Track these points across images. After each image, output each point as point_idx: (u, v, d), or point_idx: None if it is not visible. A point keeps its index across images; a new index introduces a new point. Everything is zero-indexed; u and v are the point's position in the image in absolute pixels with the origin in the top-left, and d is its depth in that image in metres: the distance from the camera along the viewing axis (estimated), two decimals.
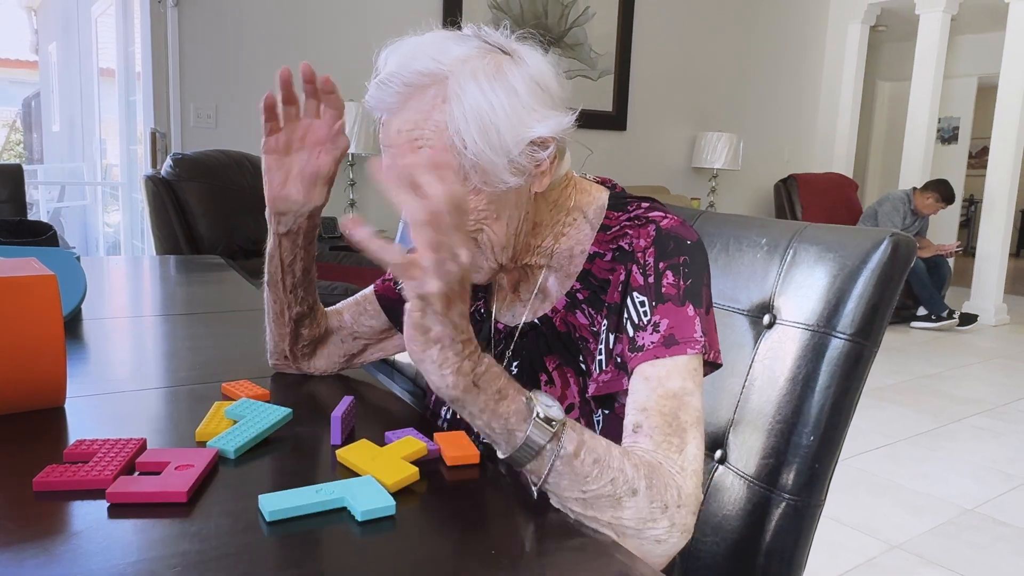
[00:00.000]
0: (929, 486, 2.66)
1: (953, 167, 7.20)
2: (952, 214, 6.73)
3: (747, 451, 0.95)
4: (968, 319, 5.29)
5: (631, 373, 0.75)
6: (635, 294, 0.77)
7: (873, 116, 7.79)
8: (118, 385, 0.98)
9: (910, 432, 3.20)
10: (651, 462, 0.67)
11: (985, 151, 5.86)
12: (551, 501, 0.65)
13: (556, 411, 0.64)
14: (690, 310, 0.75)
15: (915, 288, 5.23)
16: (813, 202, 5.69)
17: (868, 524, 2.35)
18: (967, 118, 7.36)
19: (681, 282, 0.76)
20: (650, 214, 0.81)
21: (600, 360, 0.80)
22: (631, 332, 0.76)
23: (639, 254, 0.79)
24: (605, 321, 0.80)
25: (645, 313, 0.76)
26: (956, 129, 7.42)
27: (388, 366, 1.83)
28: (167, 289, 1.80)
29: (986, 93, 6.93)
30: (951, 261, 5.65)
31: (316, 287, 0.95)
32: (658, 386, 0.72)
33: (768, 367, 0.95)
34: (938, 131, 7.22)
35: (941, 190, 5.26)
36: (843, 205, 5.86)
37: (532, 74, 0.75)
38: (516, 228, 0.79)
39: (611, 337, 0.79)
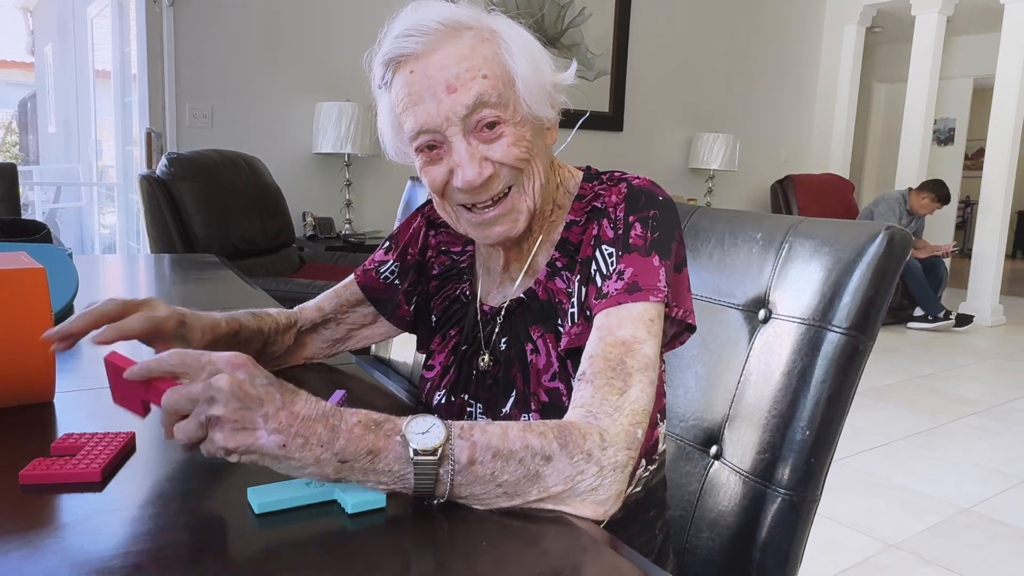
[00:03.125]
0: (926, 485, 2.65)
1: (949, 168, 7.21)
2: (948, 215, 6.75)
3: (742, 446, 0.95)
4: (964, 320, 5.30)
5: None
6: (604, 246, 0.79)
7: (869, 117, 7.80)
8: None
9: (907, 432, 3.20)
10: (559, 423, 0.65)
11: (981, 152, 5.88)
12: (476, 508, 0.62)
13: (434, 433, 0.60)
14: (655, 260, 0.76)
15: (912, 289, 5.23)
16: (810, 203, 5.70)
17: (865, 523, 2.35)
18: (963, 119, 7.37)
19: (649, 234, 0.78)
20: (623, 175, 0.84)
21: (572, 313, 0.81)
22: (599, 282, 0.78)
23: (610, 209, 0.81)
24: (578, 276, 0.81)
25: (612, 263, 0.77)
26: (952, 130, 7.44)
27: (383, 364, 1.83)
28: (162, 287, 1.79)
29: (982, 94, 6.94)
30: (947, 262, 5.66)
31: (258, 334, 0.93)
32: (607, 335, 0.73)
33: (763, 362, 0.95)
34: (934, 132, 7.23)
35: (937, 190, 5.27)
36: (840, 206, 5.87)
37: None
38: (544, 175, 0.82)
39: (582, 289, 0.80)
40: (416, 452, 0.59)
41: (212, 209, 3.02)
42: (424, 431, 0.60)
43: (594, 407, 0.68)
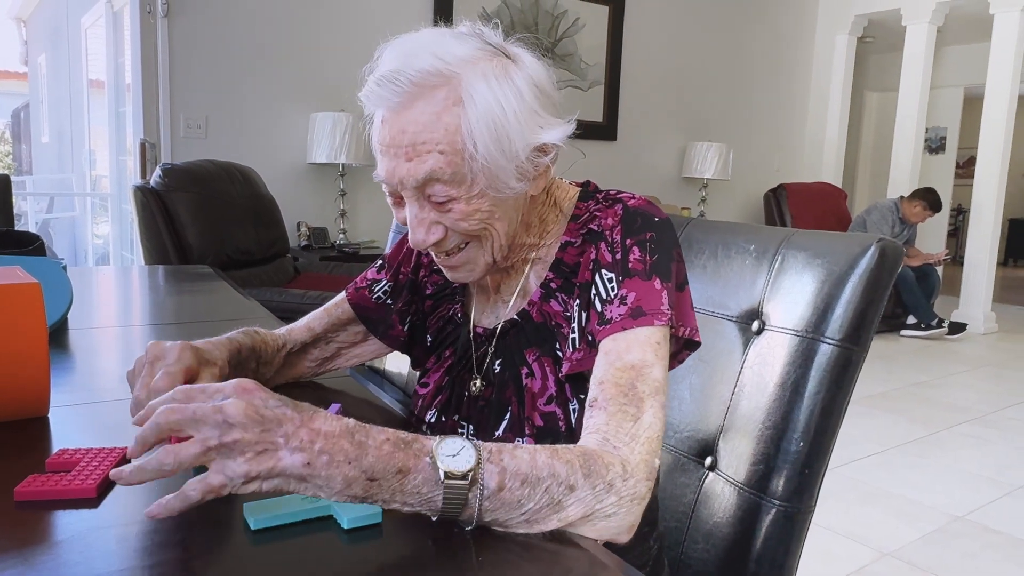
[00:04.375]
0: (920, 494, 2.66)
1: (941, 176, 7.25)
2: (940, 223, 6.78)
3: (737, 458, 0.95)
4: (957, 327, 5.32)
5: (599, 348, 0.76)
6: (603, 271, 0.79)
7: (861, 126, 7.84)
8: (104, 394, 0.97)
9: (901, 440, 3.21)
10: (584, 450, 0.65)
11: (972, 161, 5.92)
12: (495, 529, 0.61)
13: (465, 456, 0.59)
14: (657, 283, 0.76)
15: (904, 297, 5.26)
16: (803, 211, 5.72)
17: (859, 532, 2.35)
18: (954, 128, 7.42)
19: (648, 257, 0.78)
20: (618, 195, 0.83)
21: (573, 339, 0.80)
22: (599, 307, 0.77)
23: (607, 232, 0.80)
24: (577, 301, 0.81)
25: (613, 288, 0.77)
26: (943, 139, 7.48)
27: (378, 375, 1.83)
28: (156, 299, 1.79)
29: (972, 103, 6.99)
30: (940, 270, 5.68)
31: (251, 354, 0.90)
32: (616, 359, 0.72)
33: (757, 373, 0.95)
34: (925, 141, 7.28)
35: (928, 198, 5.30)
36: (832, 214, 5.89)
37: (534, 79, 0.76)
38: (515, 228, 0.81)
39: (583, 315, 0.80)
40: (446, 475, 0.58)
41: (206, 220, 3.02)
42: (454, 453, 0.59)
43: (610, 434, 0.68)
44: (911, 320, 5.35)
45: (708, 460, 0.99)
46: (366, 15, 4.03)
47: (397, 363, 1.77)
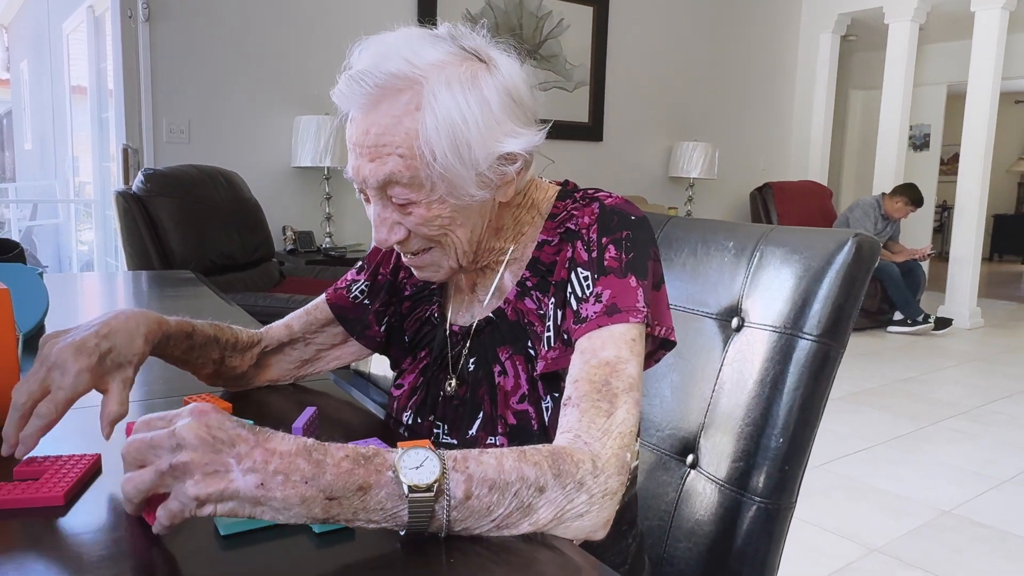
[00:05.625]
0: (907, 489, 2.67)
1: (925, 173, 7.30)
2: (925, 220, 6.83)
3: (718, 455, 0.95)
4: (943, 323, 5.35)
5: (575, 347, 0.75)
6: (579, 269, 0.78)
7: (846, 124, 7.89)
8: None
9: (887, 435, 3.22)
10: (553, 450, 0.64)
11: (956, 157, 5.96)
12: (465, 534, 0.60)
13: (428, 467, 0.57)
14: (632, 281, 0.76)
15: (890, 293, 5.28)
16: (789, 210, 5.75)
17: (847, 528, 2.36)
18: (937, 125, 7.47)
19: (623, 255, 0.77)
20: (595, 194, 0.83)
21: (548, 337, 0.80)
22: (575, 306, 0.77)
23: (583, 231, 0.80)
24: (552, 299, 0.80)
25: (588, 286, 0.77)
26: (927, 136, 7.53)
27: (363, 378, 1.82)
28: (138, 305, 1.77)
29: (955, 100, 7.04)
30: (926, 265, 5.72)
31: (214, 343, 0.91)
32: (592, 357, 0.72)
33: (737, 370, 0.95)
34: (910, 138, 7.32)
35: (909, 193, 5.34)
36: (818, 212, 5.92)
37: (507, 86, 0.75)
38: (479, 234, 0.80)
39: (558, 313, 0.80)
40: (410, 489, 0.56)
41: (189, 225, 3.00)
42: (417, 465, 0.57)
43: (582, 431, 0.67)
44: (897, 316, 5.38)
45: (690, 458, 0.99)
46: (349, 18, 4.02)
47: (382, 365, 1.76)
